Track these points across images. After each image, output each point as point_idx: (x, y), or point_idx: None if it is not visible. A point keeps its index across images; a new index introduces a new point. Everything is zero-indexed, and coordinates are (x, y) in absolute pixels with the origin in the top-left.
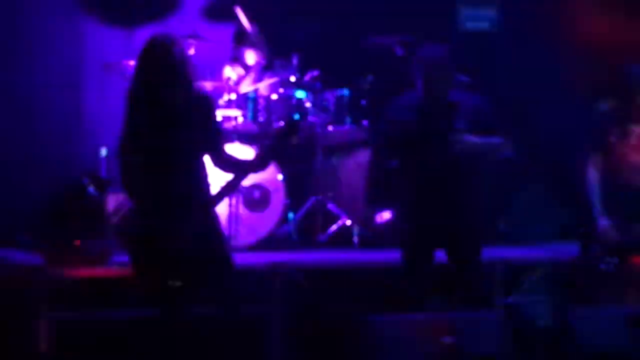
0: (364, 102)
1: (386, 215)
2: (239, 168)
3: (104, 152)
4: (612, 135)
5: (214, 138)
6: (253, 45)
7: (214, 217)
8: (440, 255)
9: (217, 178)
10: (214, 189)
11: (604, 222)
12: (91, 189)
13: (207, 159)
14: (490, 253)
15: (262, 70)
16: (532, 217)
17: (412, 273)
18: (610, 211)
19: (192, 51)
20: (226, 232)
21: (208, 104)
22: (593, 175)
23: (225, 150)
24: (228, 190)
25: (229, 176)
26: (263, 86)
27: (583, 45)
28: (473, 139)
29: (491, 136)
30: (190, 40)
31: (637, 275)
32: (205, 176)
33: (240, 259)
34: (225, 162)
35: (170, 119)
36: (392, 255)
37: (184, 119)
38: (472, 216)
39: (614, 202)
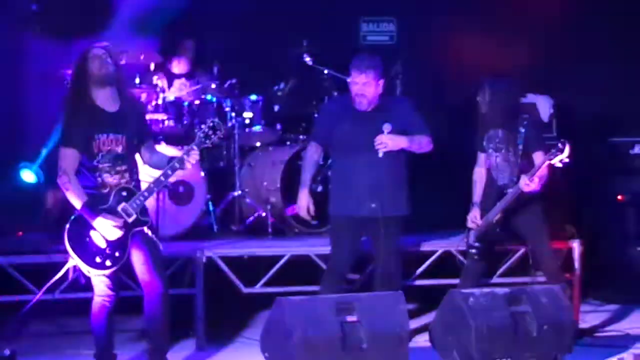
0: (276, 106)
1: (296, 208)
2: (166, 165)
3: (44, 152)
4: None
5: (144, 137)
6: (180, 56)
7: (146, 209)
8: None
9: (146, 174)
10: (144, 184)
11: (474, 213)
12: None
13: (137, 157)
14: None
15: (187, 79)
16: (430, 207)
17: (337, 257)
18: (484, 204)
19: (122, 61)
20: (154, 223)
21: (138, 107)
22: (476, 171)
23: (155, 149)
24: (156, 185)
25: (157, 172)
26: (186, 92)
27: (465, 59)
28: (400, 137)
29: (417, 134)
30: (121, 51)
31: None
32: (137, 171)
33: (167, 247)
34: (154, 159)
35: (105, 121)
36: (301, 243)
37: (117, 121)
38: (395, 206)
39: (486, 196)
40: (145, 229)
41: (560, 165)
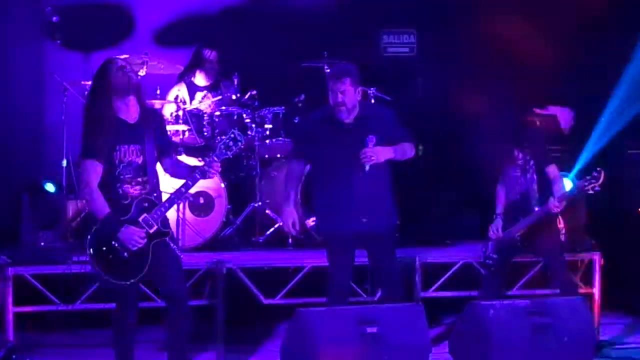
0: (297, 118)
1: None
2: (187, 175)
3: (64, 163)
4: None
5: (164, 148)
6: (203, 68)
7: (167, 220)
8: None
9: (167, 184)
10: (165, 195)
11: (496, 225)
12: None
13: (158, 167)
14: (408, 253)
15: (209, 91)
16: (447, 219)
17: (335, 271)
18: (506, 216)
19: (143, 72)
20: (174, 234)
21: (158, 118)
22: (499, 186)
23: (176, 159)
24: (177, 196)
25: (178, 183)
26: (208, 104)
27: (486, 70)
28: (385, 148)
29: (400, 142)
30: (142, 63)
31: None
32: (158, 182)
33: (187, 258)
34: (175, 170)
35: (126, 132)
36: (321, 255)
37: (137, 132)
38: (384, 218)
39: (508, 209)
40: (166, 240)
41: (592, 192)
